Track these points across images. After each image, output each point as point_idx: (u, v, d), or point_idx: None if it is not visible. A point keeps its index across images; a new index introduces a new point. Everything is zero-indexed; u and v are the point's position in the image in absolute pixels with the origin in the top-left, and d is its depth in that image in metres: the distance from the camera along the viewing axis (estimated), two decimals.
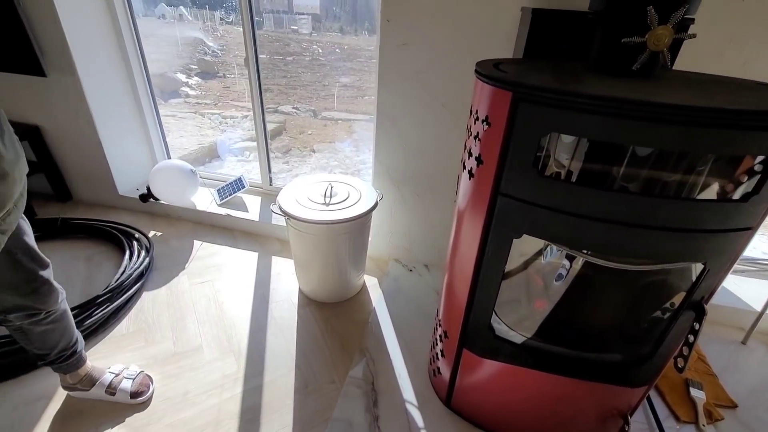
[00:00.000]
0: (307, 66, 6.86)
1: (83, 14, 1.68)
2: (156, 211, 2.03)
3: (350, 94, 6.24)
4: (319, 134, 4.74)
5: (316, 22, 6.10)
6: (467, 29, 1.28)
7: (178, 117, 4.59)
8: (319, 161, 3.85)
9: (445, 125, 1.44)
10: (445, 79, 1.37)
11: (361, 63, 6.60)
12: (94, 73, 1.77)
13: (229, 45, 6.12)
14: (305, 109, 5.57)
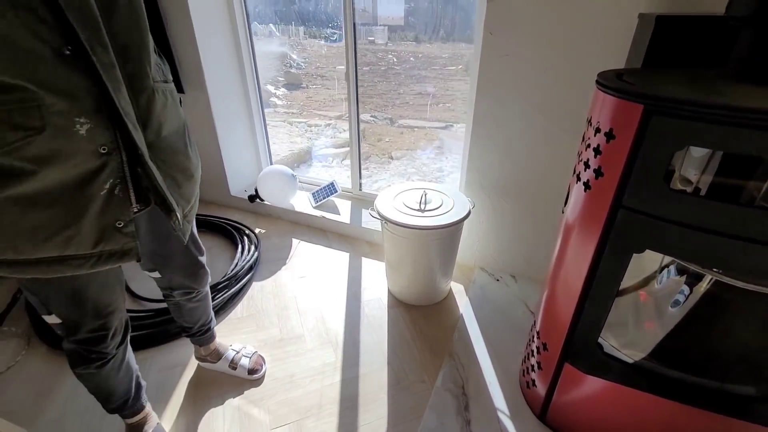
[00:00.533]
0: (382, 75, 7.10)
1: (214, 39, 1.95)
2: (260, 211, 2.27)
3: (425, 102, 6.33)
4: (396, 141, 4.87)
5: (392, 32, 6.27)
6: (574, 39, 1.26)
7: (270, 126, 5.04)
8: (398, 168, 3.96)
9: (543, 135, 1.43)
10: (547, 88, 1.36)
11: (436, 71, 6.65)
12: (220, 89, 2.04)
13: (311, 58, 6.58)
14: (382, 117, 5.76)
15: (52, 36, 0.55)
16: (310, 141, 4.45)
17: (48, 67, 0.55)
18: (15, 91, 0.54)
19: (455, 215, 1.43)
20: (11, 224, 0.60)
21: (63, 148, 0.59)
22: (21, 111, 0.55)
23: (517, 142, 1.48)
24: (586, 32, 1.24)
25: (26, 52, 0.53)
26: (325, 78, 6.31)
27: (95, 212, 0.65)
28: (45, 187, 0.60)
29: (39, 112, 0.56)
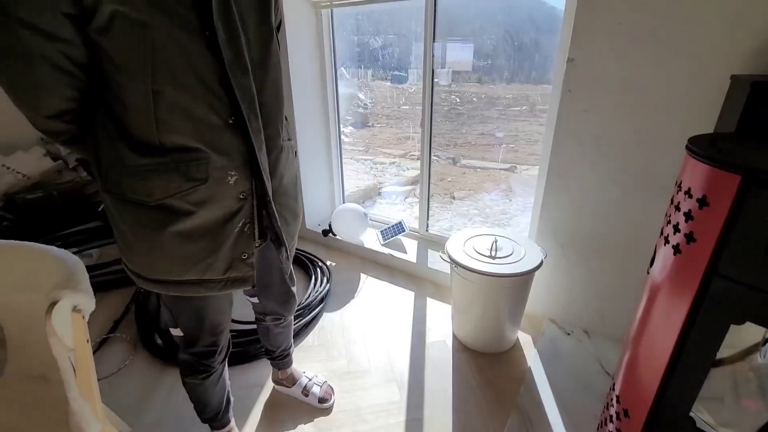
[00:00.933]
0: (445, 115, 7.31)
1: (306, 90, 2.21)
2: (332, 245, 2.43)
3: (488, 142, 6.37)
4: (459, 181, 4.92)
5: (455, 73, 6.45)
6: (659, 99, 1.26)
7: (342, 155, 5.38)
8: (460, 208, 3.99)
9: (622, 190, 1.41)
10: (628, 145, 1.36)
11: (499, 111, 6.70)
12: (305, 130, 2.28)
13: (377, 98, 6.99)
14: (445, 156, 5.88)
15: (223, 110, 0.72)
16: (376, 178, 4.67)
17: (217, 133, 0.72)
18: (192, 151, 0.71)
19: (527, 264, 1.44)
20: (171, 252, 0.77)
21: (216, 194, 0.75)
22: (194, 166, 0.72)
23: (595, 195, 1.47)
24: (672, 92, 1.24)
25: (205, 122, 0.70)
26: (390, 117, 6.64)
27: (229, 245, 0.80)
28: (199, 224, 0.76)
29: (206, 167, 0.73)
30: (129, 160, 0.69)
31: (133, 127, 0.68)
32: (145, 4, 0.60)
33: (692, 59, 1.19)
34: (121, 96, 0.66)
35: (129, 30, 0.61)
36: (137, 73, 0.63)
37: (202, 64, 0.67)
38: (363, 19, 2.95)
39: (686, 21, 1.17)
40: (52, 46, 0.61)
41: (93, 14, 0.60)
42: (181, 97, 0.67)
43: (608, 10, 1.26)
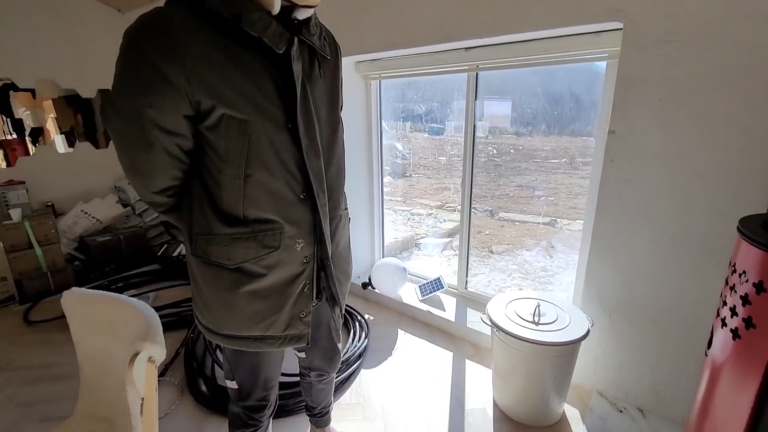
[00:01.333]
0: (482, 166, 7.40)
1: (352, 150, 2.38)
2: (370, 298, 2.46)
3: (525, 194, 6.32)
4: (497, 235, 4.87)
5: (492, 125, 6.59)
6: (705, 172, 1.27)
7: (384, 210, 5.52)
8: (498, 263, 3.93)
9: (674, 260, 1.38)
10: (678, 216, 1.34)
11: (537, 163, 6.69)
12: (351, 189, 2.41)
13: (415, 149, 7.24)
14: (482, 209, 5.88)
15: (297, 187, 0.84)
16: (413, 229, 4.74)
17: (291, 207, 0.84)
18: (270, 223, 0.82)
19: (573, 333, 1.40)
20: (241, 310, 0.86)
21: (285, 259, 0.85)
22: (270, 235, 0.83)
23: (644, 263, 1.44)
24: (720, 167, 1.24)
25: (283, 198, 0.82)
26: (427, 168, 6.81)
27: (290, 305, 0.89)
28: (267, 285, 0.85)
29: (280, 236, 0.83)
30: (216, 230, 0.81)
31: (223, 203, 0.80)
32: (248, 107, 0.74)
33: (739, 135, 1.20)
34: (218, 177, 0.79)
35: (233, 127, 0.75)
36: (234, 160, 0.77)
37: (285, 151, 0.80)
38: (407, 85, 3.18)
39: (729, 100, 1.19)
40: (170, 139, 0.75)
41: (206, 116, 0.74)
42: (267, 178, 0.79)
43: (648, 88, 1.31)
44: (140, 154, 0.76)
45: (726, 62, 1.18)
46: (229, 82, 0.72)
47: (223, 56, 0.72)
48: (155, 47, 0.68)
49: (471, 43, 1.78)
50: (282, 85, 0.77)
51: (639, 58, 1.31)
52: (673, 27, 1.24)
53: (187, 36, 0.69)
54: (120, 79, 0.71)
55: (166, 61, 0.68)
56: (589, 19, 1.38)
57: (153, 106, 0.70)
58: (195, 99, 0.71)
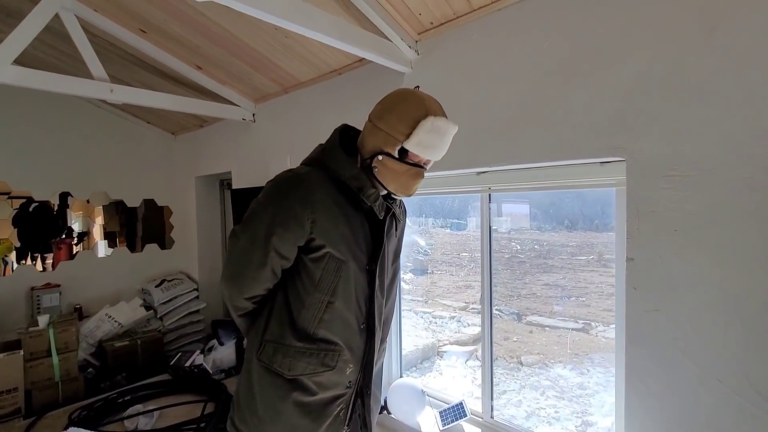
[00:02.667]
0: (505, 263, 7.25)
1: None
2: (386, 424, 2.25)
3: (554, 294, 6.03)
4: (526, 342, 4.53)
5: (513, 222, 6.63)
6: (738, 298, 1.19)
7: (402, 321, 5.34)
8: (529, 378, 3.59)
9: (725, 405, 1.21)
10: (717, 350, 1.23)
11: (563, 260, 6.50)
12: None
13: (436, 244, 7.26)
14: (508, 311, 5.60)
15: (361, 318, 1.01)
16: (435, 335, 4.50)
17: (352, 334, 0.99)
18: (333, 344, 0.96)
19: None
20: (285, 420, 0.95)
21: (335, 380, 0.98)
22: (330, 355, 0.96)
23: (688, 406, 1.28)
24: (752, 299, 1.17)
25: (349, 326, 0.98)
26: (450, 264, 6.74)
27: (326, 424, 0.98)
28: (314, 402, 0.96)
29: (337, 357, 0.96)
30: (287, 340, 0.94)
31: (300, 319, 0.95)
32: (346, 250, 0.96)
33: (760, 267, 1.14)
34: (303, 297, 0.95)
35: (332, 263, 0.94)
36: (324, 288, 0.94)
37: (360, 289, 0.99)
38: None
39: (745, 234, 1.17)
40: (280, 261, 0.95)
41: (314, 250, 0.94)
42: (342, 307, 0.96)
43: (661, 218, 1.32)
44: (253, 268, 0.94)
45: (735, 198, 1.19)
46: (338, 229, 0.95)
47: (338, 211, 0.96)
48: (297, 196, 0.92)
49: (483, 168, 1.90)
50: (370, 238, 1.01)
51: (645, 189, 1.34)
52: (675, 163, 1.28)
53: (319, 193, 0.93)
54: (259, 209, 0.95)
55: (302, 208, 0.91)
56: (593, 155, 1.47)
57: (280, 236, 0.91)
58: (311, 236, 0.93)
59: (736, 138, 1.18)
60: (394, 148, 0.95)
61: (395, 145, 0.95)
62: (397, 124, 0.94)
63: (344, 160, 0.98)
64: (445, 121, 0.95)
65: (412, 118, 0.93)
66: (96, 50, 2.16)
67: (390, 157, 0.96)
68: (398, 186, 1.00)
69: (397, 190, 1.00)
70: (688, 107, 1.26)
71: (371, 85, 2.21)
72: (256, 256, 0.93)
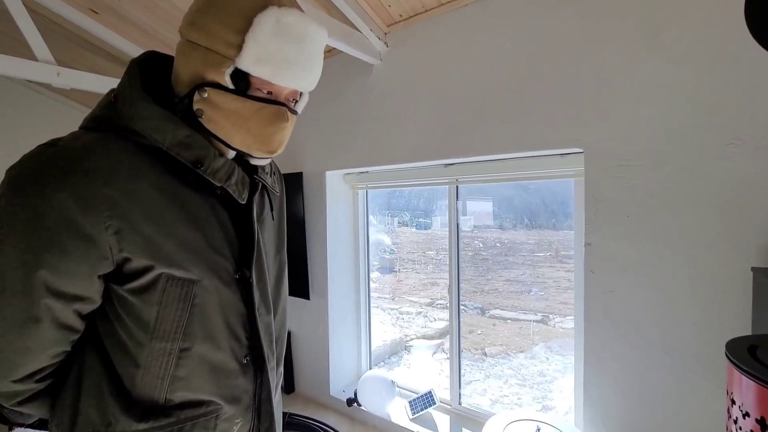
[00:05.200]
0: (469, 261, 7.48)
1: (339, 256, 2.40)
2: (356, 416, 2.24)
3: (515, 289, 6.28)
4: (489, 334, 4.68)
5: (476, 220, 6.81)
6: (682, 284, 1.30)
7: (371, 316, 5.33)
8: (493, 368, 3.71)
9: (670, 375, 1.32)
10: (663, 326, 1.33)
11: (523, 257, 6.80)
12: (337, 296, 2.38)
13: (402, 243, 7.35)
14: (473, 306, 5.76)
15: (241, 352, 0.66)
16: (402, 330, 4.55)
17: (232, 380, 0.64)
18: (203, 405, 0.62)
19: None
20: None
21: None
22: (202, 424, 0.61)
23: (641, 379, 1.38)
24: (692, 279, 1.28)
25: (224, 370, 0.63)
26: (415, 262, 6.83)
27: None
28: None
29: (215, 422, 0.63)
30: (119, 426, 0.57)
31: (136, 387, 0.58)
32: (195, 263, 0.59)
33: (706, 249, 1.26)
34: (134, 354, 0.57)
35: (172, 289, 0.57)
36: (166, 333, 0.58)
37: (232, 311, 0.64)
38: (393, 189, 3.37)
39: (684, 219, 1.28)
40: (68, 306, 0.54)
41: (134, 276, 0.55)
42: (207, 350, 0.61)
43: (615, 205, 1.41)
44: (9, 333, 0.52)
45: (677, 185, 1.30)
46: (171, 234, 0.57)
47: (167, 202, 0.57)
48: (70, 189, 0.50)
49: (450, 160, 1.95)
50: (233, 231, 0.64)
51: (601, 178, 1.44)
52: (626, 154, 1.38)
53: (119, 176, 0.53)
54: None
55: (86, 210, 0.51)
56: (553, 146, 1.54)
57: (54, 267, 0.51)
58: (121, 256, 0.54)
59: (678, 131, 1.29)
60: (223, 72, 0.56)
61: (223, 67, 0.56)
62: (219, 29, 0.55)
63: (158, 114, 0.57)
64: (299, 14, 0.57)
65: (243, 15, 0.54)
66: (40, 30, 1.99)
67: (220, 88, 0.57)
68: (250, 139, 0.61)
69: (250, 146, 0.61)
70: (635, 103, 1.36)
71: (339, 76, 2.20)
72: (13, 310, 0.52)
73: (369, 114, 2.10)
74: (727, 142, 1.22)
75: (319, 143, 2.31)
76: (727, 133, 1.22)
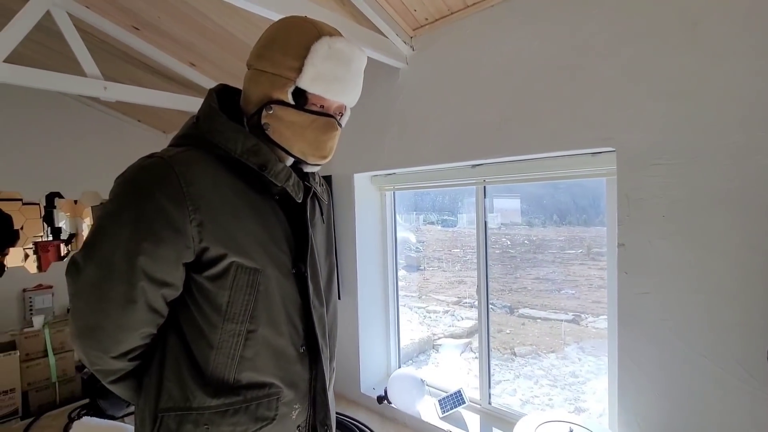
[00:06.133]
0: (497, 258, 7.36)
1: (368, 257, 2.45)
2: (386, 414, 2.29)
3: (544, 287, 6.15)
4: (519, 334, 4.62)
5: (504, 217, 6.70)
6: (719, 284, 1.26)
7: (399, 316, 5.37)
8: (523, 368, 3.67)
9: (712, 381, 1.28)
10: (703, 329, 1.30)
11: (553, 254, 6.64)
12: (366, 295, 2.43)
13: (428, 241, 7.33)
14: (501, 304, 5.69)
15: (298, 340, 0.73)
16: (430, 329, 4.57)
17: (291, 365, 0.71)
18: (266, 387, 0.69)
19: None
20: None
21: (278, 430, 0.71)
22: (265, 404, 0.68)
23: (678, 382, 1.35)
24: (732, 280, 1.24)
25: (284, 355, 0.71)
26: (441, 260, 6.81)
27: None
28: None
29: (276, 404, 0.69)
30: (197, 402, 0.65)
31: (210, 366, 0.66)
32: (260, 254, 0.68)
33: (747, 249, 1.21)
34: (209, 335, 0.66)
35: (241, 276, 0.66)
36: (237, 315, 0.66)
37: (290, 301, 0.72)
38: (419, 191, 3.38)
39: (732, 212, 1.24)
40: (158, 291, 0.64)
41: (211, 264, 0.65)
42: (269, 333, 0.69)
43: (649, 205, 1.38)
44: (115, 312, 0.63)
45: (714, 185, 1.26)
46: (241, 228, 0.67)
47: (238, 201, 0.68)
48: (166, 191, 0.61)
49: (477, 161, 1.95)
50: (290, 231, 0.74)
51: (634, 178, 1.41)
52: (661, 152, 1.35)
53: (202, 180, 0.64)
54: (109, 221, 0.63)
55: (177, 207, 0.61)
56: (584, 146, 1.52)
57: (150, 254, 0.62)
58: (201, 246, 0.63)
59: (715, 128, 1.25)
60: (286, 91, 0.68)
61: (286, 87, 0.68)
62: (282, 58, 0.68)
63: (232, 128, 0.69)
64: (345, 42, 0.69)
65: (301, 45, 0.67)
66: (88, 48, 2.14)
67: (283, 105, 0.69)
68: (306, 146, 0.71)
69: (306, 153, 0.72)
70: (671, 100, 1.33)
71: (366, 81, 2.23)
72: (117, 291, 0.62)
73: (396, 117, 2.13)
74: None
75: (348, 147, 2.36)
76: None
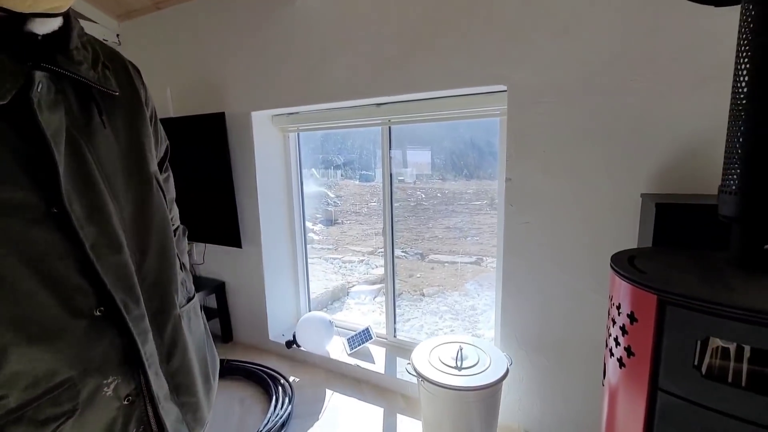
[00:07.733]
0: (411, 210, 7.71)
1: (272, 203, 2.32)
2: (296, 357, 2.30)
3: (453, 235, 6.66)
4: (428, 277, 4.98)
5: (419, 172, 6.96)
6: (585, 211, 1.43)
7: (308, 263, 5.36)
8: (429, 305, 3.98)
9: (575, 295, 1.50)
10: (569, 252, 1.48)
11: (462, 206, 7.17)
12: (271, 243, 2.33)
13: (346, 195, 7.35)
14: (413, 252, 6.02)
15: (88, 303, 0.50)
16: (345, 278, 4.66)
17: (80, 339, 0.50)
18: (45, 382, 0.47)
19: (493, 374, 1.42)
20: None
21: (91, 416, 0.52)
22: (51, 401, 0.47)
23: (549, 298, 1.55)
24: (594, 207, 1.42)
25: (65, 332, 0.48)
26: (359, 214, 6.89)
27: None
28: None
29: (75, 391, 0.49)
30: None
31: None
32: None
33: (607, 179, 1.39)
34: None
35: None
36: None
37: (54, 257, 0.47)
38: (330, 135, 3.26)
39: (597, 145, 1.39)
40: None
41: None
42: (18, 312, 0.45)
43: (533, 141, 1.49)
44: None
45: (585, 123, 1.39)
46: None
47: None
48: None
49: (382, 99, 1.90)
50: (32, 150, 0.46)
51: (521, 115, 1.49)
52: (544, 91, 1.44)
53: None
54: None
55: None
56: (480, 83, 1.56)
57: None
58: None
59: (589, 68, 1.36)
60: None
61: None
62: None
63: None
64: None
65: None
66: None
67: None
68: None
69: None
70: (554, 39, 1.40)
71: (266, 7, 1.99)
72: None
73: (295, 49, 1.95)
74: (631, 78, 1.31)
75: (242, 81, 2.12)
76: (632, 71, 1.30)
